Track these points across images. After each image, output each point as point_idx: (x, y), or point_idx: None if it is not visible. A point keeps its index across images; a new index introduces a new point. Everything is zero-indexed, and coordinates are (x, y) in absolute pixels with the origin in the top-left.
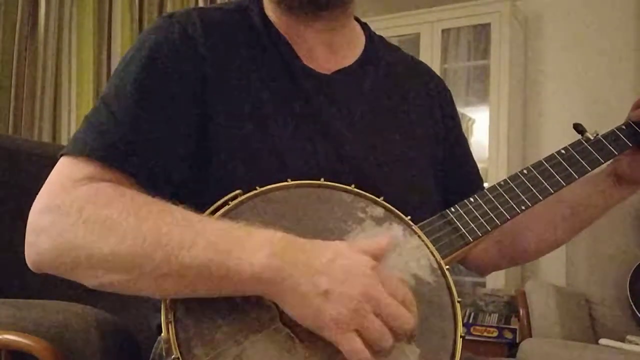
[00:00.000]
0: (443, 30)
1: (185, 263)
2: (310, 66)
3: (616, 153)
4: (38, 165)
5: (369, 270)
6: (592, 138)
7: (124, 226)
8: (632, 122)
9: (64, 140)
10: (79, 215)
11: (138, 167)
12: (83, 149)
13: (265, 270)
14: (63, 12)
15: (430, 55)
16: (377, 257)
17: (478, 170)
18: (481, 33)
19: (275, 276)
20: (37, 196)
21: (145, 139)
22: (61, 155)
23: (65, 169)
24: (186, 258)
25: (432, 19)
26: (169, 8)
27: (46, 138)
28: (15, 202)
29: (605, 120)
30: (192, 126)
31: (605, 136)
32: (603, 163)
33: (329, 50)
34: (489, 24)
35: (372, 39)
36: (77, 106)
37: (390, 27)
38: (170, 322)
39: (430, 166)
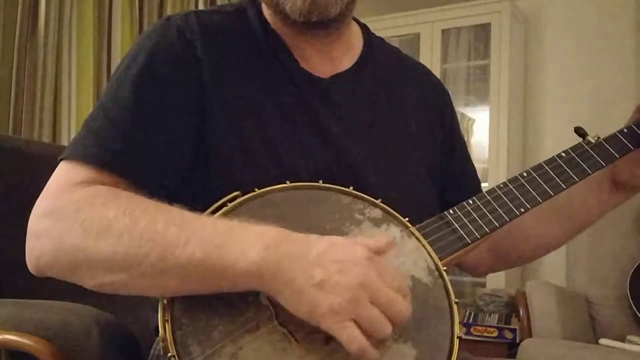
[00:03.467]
0: (443, 30)
1: (181, 261)
2: (308, 70)
3: (617, 156)
4: (38, 165)
5: (364, 260)
6: (593, 141)
7: (120, 226)
8: (634, 125)
9: (64, 141)
10: (76, 217)
11: (136, 172)
12: (81, 154)
13: (260, 265)
14: (63, 12)
15: (430, 55)
16: (375, 252)
17: (476, 173)
18: (481, 33)
19: (270, 270)
20: (37, 201)
21: (143, 144)
22: (60, 160)
23: (64, 174)
24: (182, 256)
25: (432, 19)
26: (169, 9)
27: (46, 138)
28: (15, 202)
29: (605, 120)
30: (190, 130)
31: (606, 139)
32: (604, 166)
33: (326, 57)
34: (489, 24)
35: (371, 42)
36: (77, 106)
37: (390, 27)
38: (167, 320)
39: (427, 168)
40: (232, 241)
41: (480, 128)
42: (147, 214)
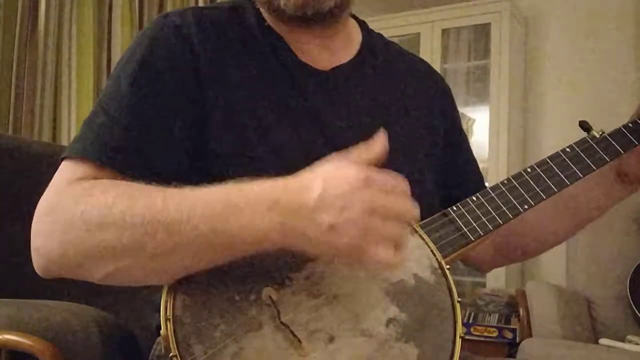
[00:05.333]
0: (443, 30)
1: (186, 235)
2: (307, 63)
3: (622, 151)
4: (38, 165)
5: (361, 183)
6: (597, 136)
7: (120, 210)
8: (639, 120)
9: (64, 141)
10: (76, 209)
11: (135, 168)
12: (81, 151)
13: (269, 230)
14: (63, 12)
15: (430, 55)
16: (368, 164)
17: (478, 167)
18: (481, 33)
19: (280, 232)
20: (40, 200)
21: (141, 139)
22: (62, 159)
23: (65, 172)
24: (186, 230)
25: (432, 19)
26: (169, 8)
27: (46, 138)
28: (15, 202)
29: (605, 119)
30: (189, 126)
31: (611, 134)
32: (609, 162)
33: (325, 51)
34: (489, 24)
35: (370, 36)
36: (77, 106)
37: (390, 27)
38: (169, 319)
39: (429, 162)
40: (234, 211)
41: (480, 128)
42: (144, 194)
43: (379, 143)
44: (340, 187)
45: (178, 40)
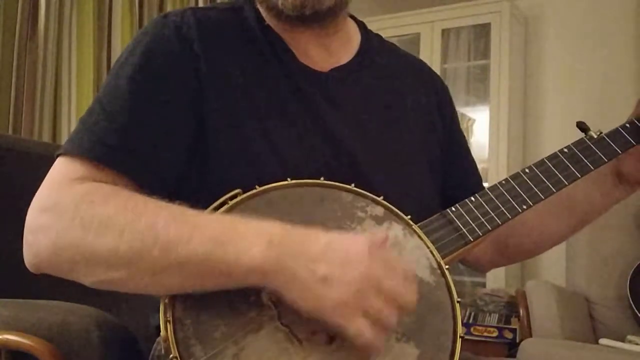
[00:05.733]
0: (443, 30)
1: (183, 257)
2: (307, 64)
3: (620, 152)
4: (38, 165)
5: (366, 251)
6: (595, 136)
7: (121, 223)
8: (636, 120)
9: (64, 141)
10: (75, 213)
11: (133, 167)
12: (79, 149)
13: (263, 262)
14: (63, 12)
15: (430, 55)
16: (375, 244)
17: (476, 167)
18: (481, 33)
19: (273, 267)
20: (35, 196)
21: (140, 139)
22: (58, 156)
23: (61, 169)
24: (184, 252)
25: (432, 19)
26: (169, 8)
27: (46, 138)
28: (15, 201)
29: (605, 119)
30: (188, 126)
31: (608, 135)
32: (606, 162)
33: (324, 51)
34: (489, 24)
35: (369, 37)
36: (77, 106)
37: (390, 27)
38: (169, 321)
39: (427, 163)
40: (234, 238)
41: (480, 128)
42: (148, 210)
43: (384, 234)
44: (344, 247)
45: (178, 40)
